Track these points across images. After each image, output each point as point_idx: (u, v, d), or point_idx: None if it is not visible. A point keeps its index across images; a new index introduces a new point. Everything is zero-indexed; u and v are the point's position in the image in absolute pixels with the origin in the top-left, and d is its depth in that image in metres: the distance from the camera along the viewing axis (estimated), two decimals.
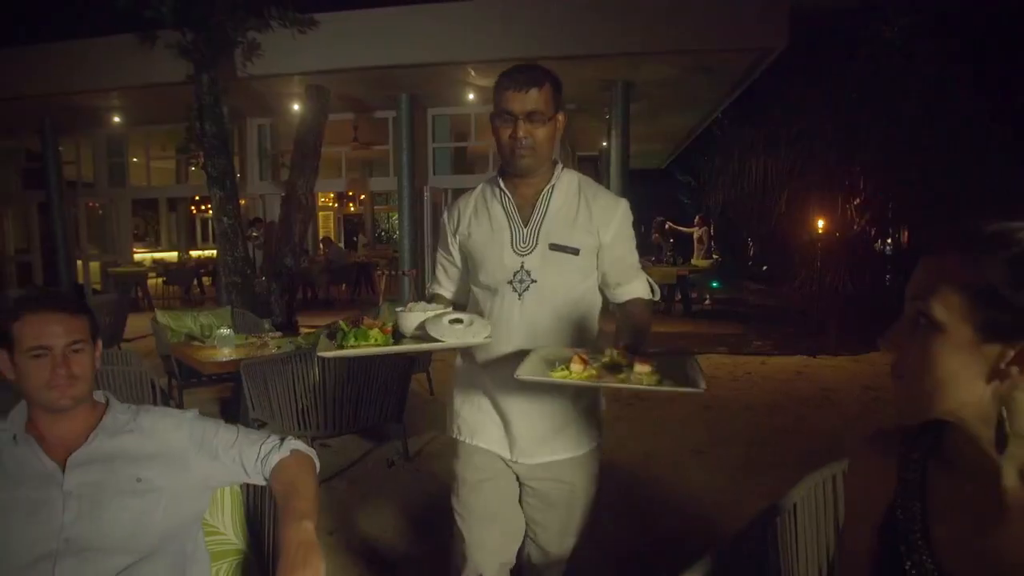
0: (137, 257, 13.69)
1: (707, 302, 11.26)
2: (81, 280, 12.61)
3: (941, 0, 11.57)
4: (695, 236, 11.83)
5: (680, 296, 10.46)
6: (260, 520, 1.51)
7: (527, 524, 1.77)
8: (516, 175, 1.67)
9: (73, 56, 9.73)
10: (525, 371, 1.32)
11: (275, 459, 1.41)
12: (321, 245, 13.67)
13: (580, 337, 1.69)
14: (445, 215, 1.83)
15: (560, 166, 1.71)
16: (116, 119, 11.84)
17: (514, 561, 1.79)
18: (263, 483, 1.43)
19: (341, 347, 1.34)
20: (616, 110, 9.60)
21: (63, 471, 1.29)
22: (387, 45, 8.69)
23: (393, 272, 11.14)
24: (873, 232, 12.66)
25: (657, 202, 19.63)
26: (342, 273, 12.61)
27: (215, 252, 13.10)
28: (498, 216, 1.69)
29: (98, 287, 12.89)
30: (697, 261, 11.11)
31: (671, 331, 8.40)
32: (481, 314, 1.67)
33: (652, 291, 1.77)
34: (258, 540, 1.52)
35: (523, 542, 1.79)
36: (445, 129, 11.29)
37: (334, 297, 12.28)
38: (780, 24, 7.98)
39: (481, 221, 1.71)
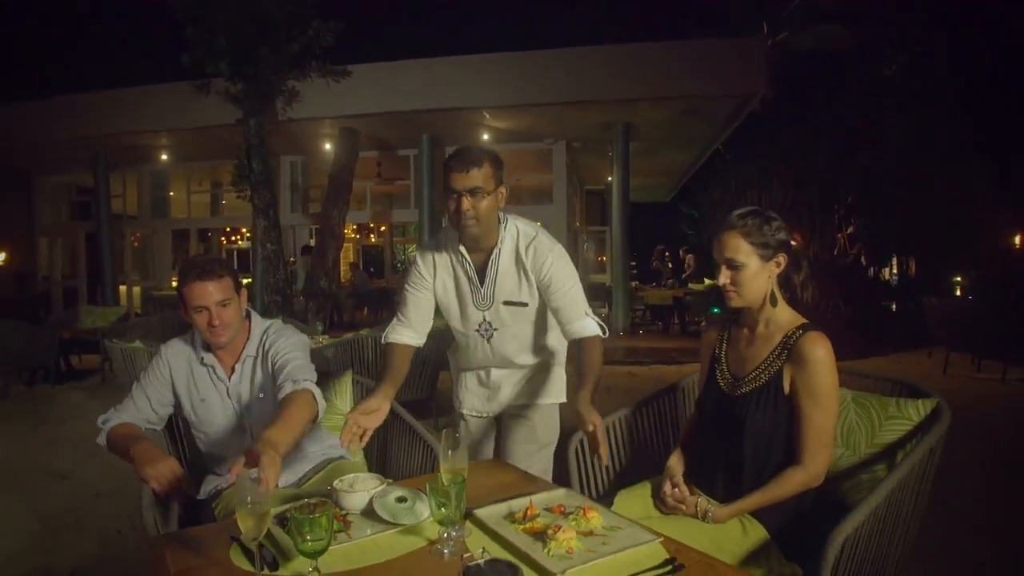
0: (175, 284, 14.73)
1: (703, 324, 12.06)
2: (125, 302, 13.63)
3: (935, 39, 12.55)
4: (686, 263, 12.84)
5: (677, 317, 11.35)
6: None
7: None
8: (467, 241, 1.96)
9: (131, 101, 10.88)
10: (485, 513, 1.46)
11: (288, 388, 1.80)
12: (348, 270, 14.63)
13: (541, 356, 2.15)
14: (418, 259, 2.07)
15: (505, 224, 1.98)
16: (164, 156, 13.00)
17: None
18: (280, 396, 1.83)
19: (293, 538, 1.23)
20: (617, 148, 10.61)
21: (228, 382, 2.00)
22: (412, 92, 9.79)
23: None
24: (865, 260, 13.48)
25: (662, 233, 20.53)
26: (366, 298, 13.60)
27: (248, 279, 14.18)
28: (461, 279, 2.03)
29: (139, 311, 13.93)
30: (693, 285, 11.98)
31: (667, 346, 9.26)
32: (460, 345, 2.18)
33: (602, 329, 1.97)
34: None
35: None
36: None
37: (358, 320, 13.22)
38: (759, 72, 8.94)
39: (449, 281, 2.05)
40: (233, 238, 18.43)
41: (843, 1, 14.58)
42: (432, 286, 2.07)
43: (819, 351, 1.58)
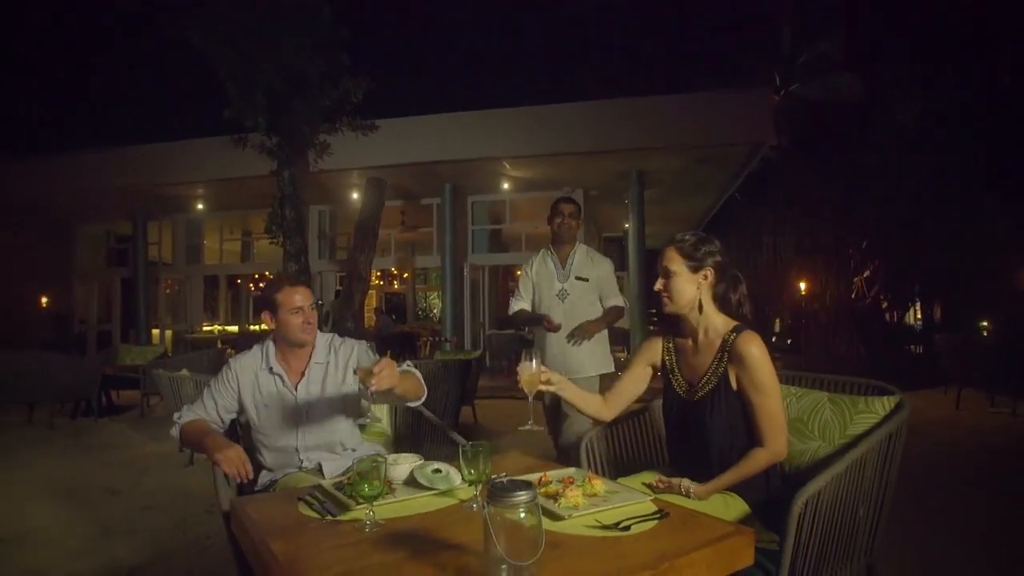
0: (205, 328, 15.25)
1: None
2: (156, 342, 14.10)
3: (947, 85, 12.89)
4: None
5: None
6: (396, 419, 2.73)
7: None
8: (560, 243, 3.56)
9: (170, 154, 11.55)
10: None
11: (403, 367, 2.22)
12: (373, 315, 15.00)
13: (591, 317, 3.45)
14: (524, 267, 3.71)
15: (579, 242, 3.63)
16: (199, 206, 13.64)
17: None
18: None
19: (351, 496, 1.57)
20: (632, 196, 11.00)
21: (296, 389, 2.29)
22: (435, 144, 10.34)
23: (436, 339, 12.45)
24: (886, 304, 13.51)
25: None
26: (390, 341, 13.93)
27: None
28: (550, 265, 3.60)
29: (170, 353, 14.36)
30: None
31: None
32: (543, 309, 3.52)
33: (624, 307, 3.58)
34: (395, 430, 2.73)
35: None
36: (483, 214, 12.83)
37: None
38: (766, 122, 9.31)
39: (542, 269, 3.62)
40: (261, 284, 19.02)
41: (855, 52, 15.10)
42: (531, 277, 3.62)
43: (752, 348, 1.86)
